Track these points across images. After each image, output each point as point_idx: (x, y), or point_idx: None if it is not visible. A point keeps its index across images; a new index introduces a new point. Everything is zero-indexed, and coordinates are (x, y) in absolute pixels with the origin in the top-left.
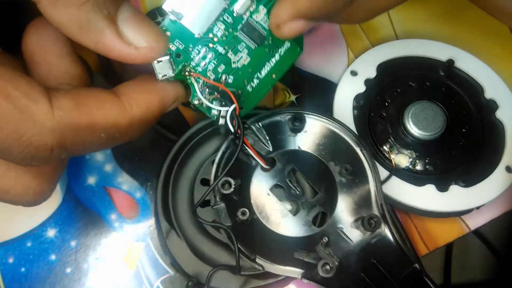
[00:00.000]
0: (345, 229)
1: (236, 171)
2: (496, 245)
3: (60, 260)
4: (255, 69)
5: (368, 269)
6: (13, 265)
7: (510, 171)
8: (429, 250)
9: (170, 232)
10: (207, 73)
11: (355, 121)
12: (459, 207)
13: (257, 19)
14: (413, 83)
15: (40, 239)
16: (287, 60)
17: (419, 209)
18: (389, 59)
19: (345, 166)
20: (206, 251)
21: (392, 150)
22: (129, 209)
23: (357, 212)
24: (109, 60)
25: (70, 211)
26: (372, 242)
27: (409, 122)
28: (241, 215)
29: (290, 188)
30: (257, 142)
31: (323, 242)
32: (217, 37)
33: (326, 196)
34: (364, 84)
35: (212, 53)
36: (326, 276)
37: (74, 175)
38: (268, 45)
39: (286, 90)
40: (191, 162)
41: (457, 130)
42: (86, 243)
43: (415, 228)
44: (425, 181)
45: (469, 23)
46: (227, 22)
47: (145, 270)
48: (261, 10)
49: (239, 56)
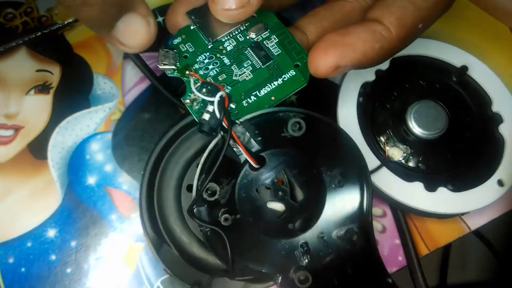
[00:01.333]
0: (326, 237)
1: (223, 168)
2: (496, 245)
3: (60, 260)
4: (255, 87)
5: (342, 277)
6: (13, 265)
7: (501, 185)
8: (429, 250)
9: (161, 244)
10: (207, 77)
11: (358, 106)
12: (443, 210)
13: (268, 45)
14: (423, 82)
15: (40, 239)
16: (289, 87)
17: (402, 204)
18: (404, 55)
19: (339, 174)
20: (201, 259)
21: (388, 142)
22: (130, 209)
23: (342, 222)
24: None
25: (70, 211)
26: (351, 253)
27: (411, 118)
28: (224, 221)
29: (278, 190)
30: (248, 139)
31: (303, 247)
32: (226, 50)
33: (314, 202)
34: (374, 74)
35: (217, 61)
36: (301, 285)
37: (75, 175)
38: (273, 68)
39: None
40: (174, 169)
41: (457, 135)
42: (86, 243)
43: (415, 228)
44: (414, 178)
45: (469, 23)
46: (239, 40)
47: (145, 270)
48: (273, 38)
49: (242, 71)
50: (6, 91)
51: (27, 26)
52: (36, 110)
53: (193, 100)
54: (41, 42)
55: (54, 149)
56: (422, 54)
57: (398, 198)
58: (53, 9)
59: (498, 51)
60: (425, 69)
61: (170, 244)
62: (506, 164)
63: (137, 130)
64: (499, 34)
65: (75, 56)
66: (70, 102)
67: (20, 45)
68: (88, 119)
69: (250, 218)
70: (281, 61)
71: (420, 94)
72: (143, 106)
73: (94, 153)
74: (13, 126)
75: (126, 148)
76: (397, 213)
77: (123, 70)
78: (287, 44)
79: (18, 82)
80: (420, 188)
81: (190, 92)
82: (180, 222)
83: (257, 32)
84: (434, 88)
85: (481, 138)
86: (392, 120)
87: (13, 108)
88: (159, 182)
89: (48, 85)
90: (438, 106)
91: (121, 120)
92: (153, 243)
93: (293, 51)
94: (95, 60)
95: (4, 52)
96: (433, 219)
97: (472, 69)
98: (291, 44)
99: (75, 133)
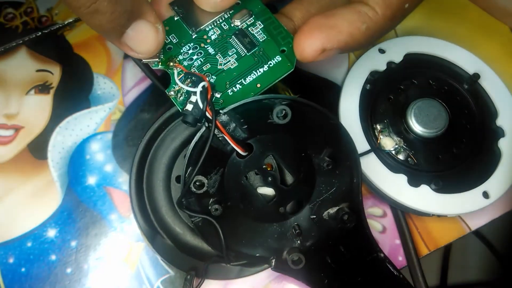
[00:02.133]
0: (317, 219)
1: (210, 158)
2: (497, 246)
3: (61, 260)
4: (240, 75)
5: (335, 254)
6: (13, 265)
7: (486, 197)
8: (429, 250)
9: (155, 236)
10: (191, 68)
11: (362, 92)
12: (420, 206)
13: (253, 32)
14: (432, 82)
15: (40, 239)
16: (275, 73)
17: (382, 192)
18: (419, 52)
19: (326, 156)
20: (194, 246)
21: (383, 131)
22: (129, 210)
23: (332, 203)
24: None
25: (70, 211)
26: (343, 233)
27: (411, 112)
28: (214, 211)
29: (267, 176)
30: (234, 127)
31: (295, 230)
32: (211, 39)
33: (303, 185)
34: (386, 64)
35: (201, 51)
36: (294, 266)
37: (75, 175)
38: (258, 55)
39: (286, 90)
40: (162, 160)
41: (453, 139)
42: (87, 243)
43: (416, 228)
44: (400, 170)
45: (469, 22)
46: (223, 29)
47: (145, 270)
48: (258, 24)
49: (227, 60)
50: (6, 91)
51: (27, 26)
52: (36, 110)
53: (177, 92)
54: (41, 42)
55: (54, 149)
56: (436, 55)
57: (379, 186)
58: (53, 9)
59: (498, 51)
60: (438, 70)
61: (164, 235)
62: (497, 178)
63: (137, 130)
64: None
65: (75, 56)
66: (70, 102)
67: (20, 45)
68: (88, 119)
69: (241, 205)
70: (266, 47)
71: (426, 93)
72: (143, 106)
73: (94, 153)
74: (13, 126)
75: (126, 148)
76: (397, 213)
77: (123, 70)
78: (272, 29)
79: (18, 82)
80: (403, 181)
81: (174, 84)
82: (172, 213)
83: (241, 19)
84: (441, 90)
85: (478, 148)
86: (392, 111)
87: (13, 108)
88: (148, 175)
89: (48, 85)
90: (441, 107)
91: (121, 120)
92: (147, 235)
93: (279, 36)
94: (95, 60)
95: (4, 52)
96: (434, 219)
97: (484, 78)
98: (276, 29)
99: (75, 133)
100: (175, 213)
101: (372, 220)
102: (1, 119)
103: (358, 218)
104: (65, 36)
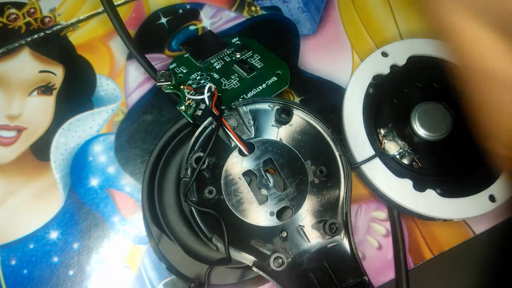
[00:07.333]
0: (305, 228)
1: (213, 148)
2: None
3: (63, 262)
4: (242, 92)
5: (318, 271)
6: (16, 267)
7: (493, 200)
8: (433, 255)
9: (162, 237)
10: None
11: (365, 96)
12: (427, 211)
13: (251, 61)
14: (436, 85)
15: (42, 241)
16: (272, 89)
17: (387, 197)
18: (423, 54)
19: (321, 167)
20: (199, 250)
21: (387, 136)
22: (132, 211)
23: (321, 215)
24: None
25: (72, 213)
26: (328, 247)
27: (415, 116)
28: (208, 194)
29: (262, 177)
30: (241, 125)
31: (281, 236)
32: (215, 68)
33: (295, 193)
34: (389, 68)
35: (208, 77)
36: (276, 269)
37: (77, 176)
38: (257, 77)
39: (290, 92)
40: (173, 165)
41: (458, 143)
42: (89, 245)
43: (420, 232)
44: (405, 175)
45: None
46: (226, 60)
47: (148, 273)
48: (255, 56)
49: (230, 82)
50: (9, 92)
51: (30, 26)
52: (39, 111)
53: (187, 106)
54: (44, 43)
55: (57, 151)
56: (441, 58)
57: (385, 192)
58: (56, 9)
59: None
60: (442, 72)
61: (170, 235)
62: (503, 181)
63: (140, 132)
64: None
65: (78, 57)
66: (73, 103)
67: (23, 46)
68: (91, 121)
69: (233, 201)
70: (264, 71)
71: (431, 96)
72: (146, 107)
73: (96, 155)
74: (16, 127)
75: (129, 150)
76: (393, 217)
77: (126, 71)
78: (268, 59)
79: (21, 83)
80: (409, 186)
81: (184, 100)
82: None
83: (241, 53)
84: (446, 93)
85: (483, 152)
86: (396, 115)
87: (16, 109)
88: (160, 177)
89: (51, 86)
90: (446, 111)
91: (124, 121)
92: (155, 235)
93: (274, 64)
94: (98, 62)
95: (7, 53)
96: (439, 223)
97: None
98: (272, 59)
99: (77, 135)
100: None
101: (375, 224)
102: (3, 120)
103: (345, 236)
104: (68, 37)
